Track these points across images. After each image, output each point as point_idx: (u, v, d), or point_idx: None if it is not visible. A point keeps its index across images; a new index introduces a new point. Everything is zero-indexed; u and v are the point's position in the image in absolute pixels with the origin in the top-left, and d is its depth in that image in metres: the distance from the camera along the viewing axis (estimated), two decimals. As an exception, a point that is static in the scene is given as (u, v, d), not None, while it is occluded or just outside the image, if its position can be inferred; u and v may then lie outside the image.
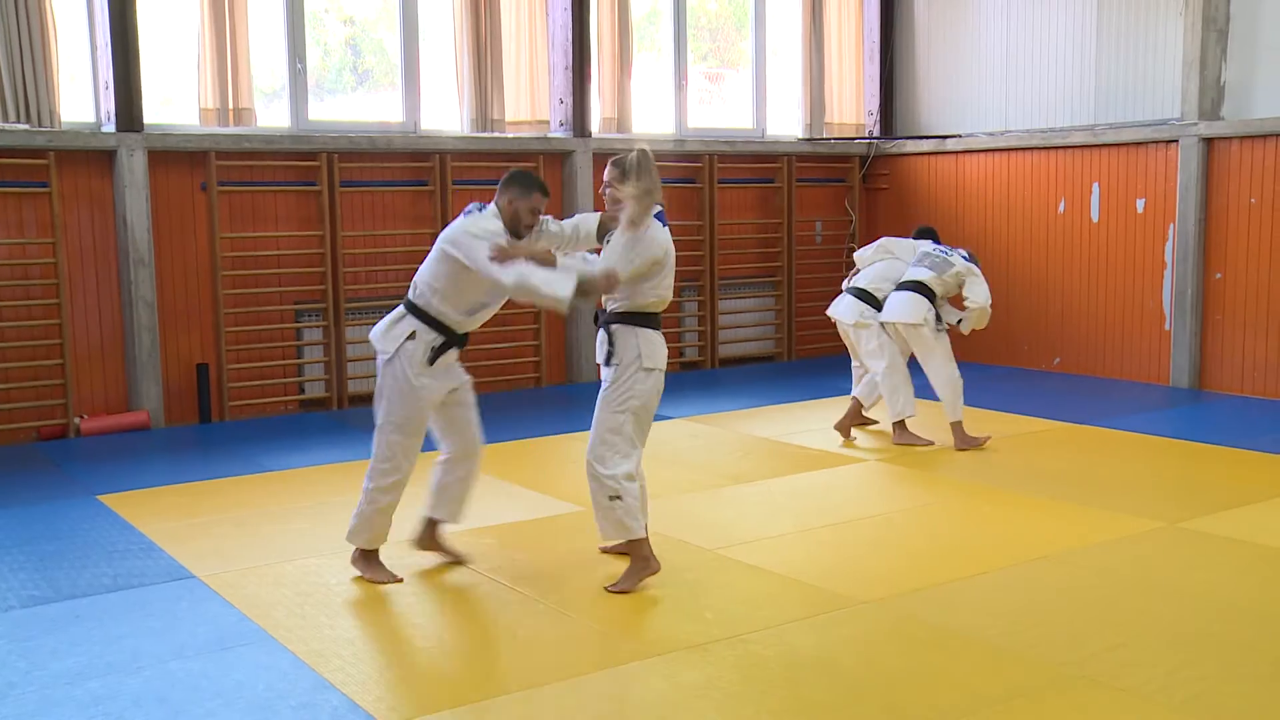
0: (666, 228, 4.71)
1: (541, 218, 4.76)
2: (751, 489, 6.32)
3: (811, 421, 7.88)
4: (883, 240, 7.74)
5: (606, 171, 4.75)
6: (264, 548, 5.33)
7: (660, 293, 4.69)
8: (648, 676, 3.89)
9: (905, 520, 5.74)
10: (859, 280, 7.50)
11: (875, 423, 7.68)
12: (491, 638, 4.27)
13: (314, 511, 5.92)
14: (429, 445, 4.93)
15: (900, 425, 7.28)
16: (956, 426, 7.15)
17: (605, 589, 4.65)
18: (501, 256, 4.46)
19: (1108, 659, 3.96)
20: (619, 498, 4.62)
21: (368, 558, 4.89)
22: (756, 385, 9.67)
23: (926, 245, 7.46)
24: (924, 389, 7.44)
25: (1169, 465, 6.75)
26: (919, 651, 4.09)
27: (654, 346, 4.70)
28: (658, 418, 8.12)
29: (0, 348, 7.70)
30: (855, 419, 7.52)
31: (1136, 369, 9.45)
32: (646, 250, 4.57)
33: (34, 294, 7.81)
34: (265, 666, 4.00)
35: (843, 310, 7.43)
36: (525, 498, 6.14)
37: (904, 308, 7.18)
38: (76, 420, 7.87)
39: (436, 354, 4.68)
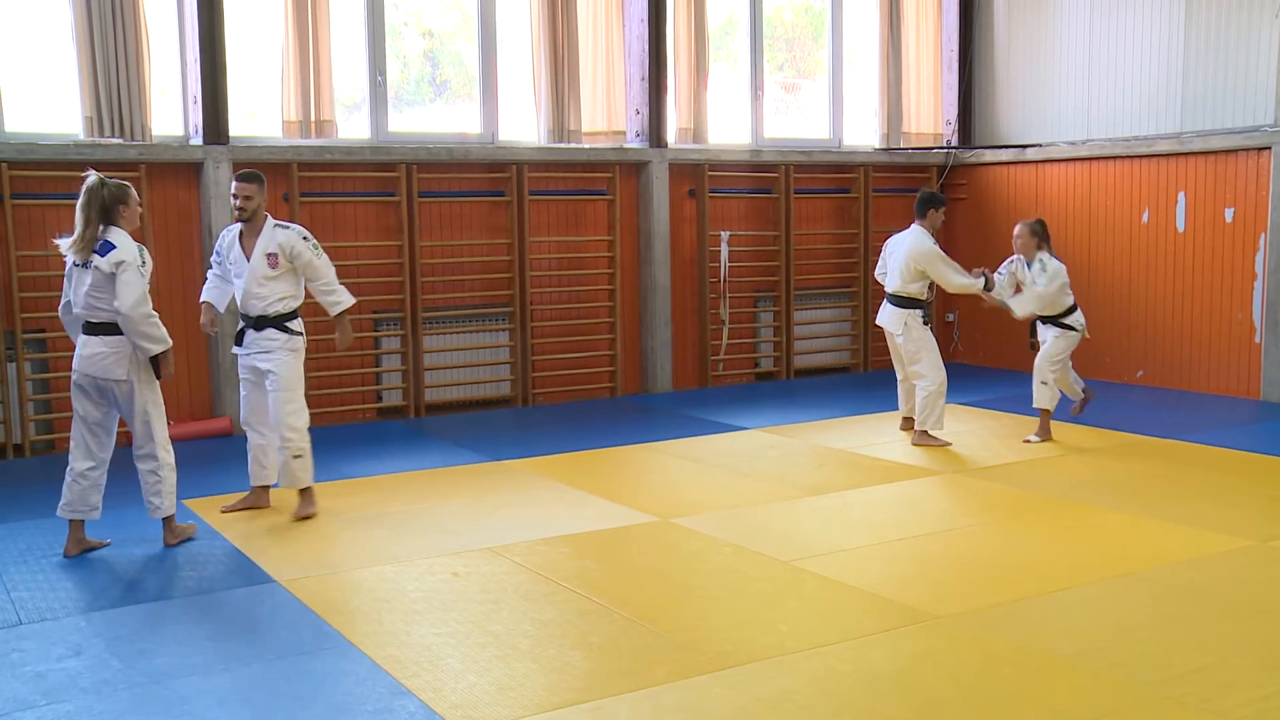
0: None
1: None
2: (827, 501, 6.26)
3: (888, 433, 7.80)
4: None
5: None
6: (343, 554, 5.41)
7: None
8: (722, 688, 3.88)
9: (984, 534, 5.64)
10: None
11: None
12: (566, 646, 4.29)
13: (392, 519, 6.00)
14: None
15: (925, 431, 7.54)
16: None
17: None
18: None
19: (1196, 680, 3.86)
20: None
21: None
22: (832, 396, 9.59)
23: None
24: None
25: (1259, 482, 6.55)
26: (999, 669, 4.02)
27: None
28: (732, 428, 8.19)
29: (91, 355, 7.90)
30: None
31: (1224, 383, 9.20)
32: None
33: (124, 303, 8.00)
34: (344, 671, 4.06)
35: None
36: (600, 507, 6.15)
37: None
38: (163, 426, 8.03)
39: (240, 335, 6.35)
